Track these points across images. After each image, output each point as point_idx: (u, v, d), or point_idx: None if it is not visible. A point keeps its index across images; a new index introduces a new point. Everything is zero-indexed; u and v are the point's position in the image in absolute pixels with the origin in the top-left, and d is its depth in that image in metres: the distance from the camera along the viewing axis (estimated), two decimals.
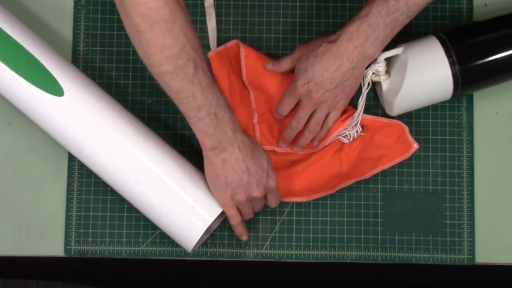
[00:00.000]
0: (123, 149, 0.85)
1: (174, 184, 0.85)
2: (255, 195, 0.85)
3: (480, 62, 0.88)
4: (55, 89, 0.85)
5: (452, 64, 0.87)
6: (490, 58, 0.88)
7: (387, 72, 0.91)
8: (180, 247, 0.94)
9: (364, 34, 0.82)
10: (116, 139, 0.85)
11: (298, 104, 0.91)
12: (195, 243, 0.86)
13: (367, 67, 0.89)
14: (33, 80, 0.85)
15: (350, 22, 0.84)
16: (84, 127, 0.85)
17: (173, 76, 0.76)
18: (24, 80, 0.85)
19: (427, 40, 0.89)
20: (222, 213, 0.87)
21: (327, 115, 0.91)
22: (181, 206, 0.85)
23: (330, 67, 0.85)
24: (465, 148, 0.96)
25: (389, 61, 0.91)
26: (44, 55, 0.86)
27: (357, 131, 0.92)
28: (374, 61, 0.88)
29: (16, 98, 0.87)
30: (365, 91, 0.91)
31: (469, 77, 0.88)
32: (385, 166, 0.92)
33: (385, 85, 0.91)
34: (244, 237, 0.90)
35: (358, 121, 0.92)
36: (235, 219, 0.87)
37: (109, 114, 0.86)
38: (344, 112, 0.92)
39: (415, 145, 0.91)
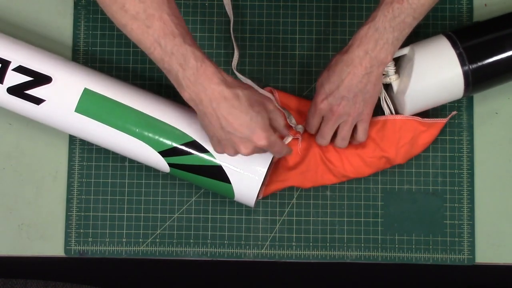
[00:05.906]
0: None
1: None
2: (243, 152, 0.81)
3: (491, 60, 0.87)
4: None
5: (462, 63, 0.87)
6: (502, 56, 0.87)
7: (397, 72, 0.90)
8: (180, 247, 0.94)
9: (373, 39, 0.81)
10: None
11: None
12: (256, 196, 0.88)
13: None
14: None
15: (359, 29, 0.83)
16: None
17: (127, 29, 0.78)
18: None
19: (435, 39, 0.89)
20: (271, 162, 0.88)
21: (356, 130, 0.88)
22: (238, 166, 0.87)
23: (345, 76, 0.83)
24: (465, 148, 0.96)
25: (399, 62, 0.91)
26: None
27: None
28: None
29: None
30: (382, 93, 0.90)
31: (481, 76, 0.88)
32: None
33: (396, 85, 0.89)
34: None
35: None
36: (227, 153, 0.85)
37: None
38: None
39: (453, 112, 0.93)
